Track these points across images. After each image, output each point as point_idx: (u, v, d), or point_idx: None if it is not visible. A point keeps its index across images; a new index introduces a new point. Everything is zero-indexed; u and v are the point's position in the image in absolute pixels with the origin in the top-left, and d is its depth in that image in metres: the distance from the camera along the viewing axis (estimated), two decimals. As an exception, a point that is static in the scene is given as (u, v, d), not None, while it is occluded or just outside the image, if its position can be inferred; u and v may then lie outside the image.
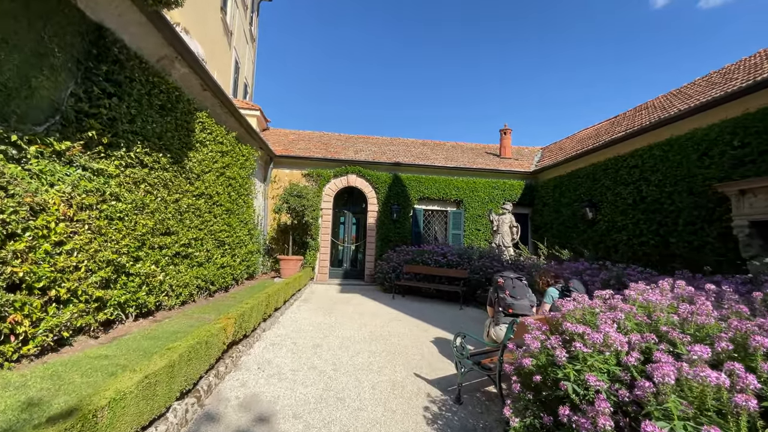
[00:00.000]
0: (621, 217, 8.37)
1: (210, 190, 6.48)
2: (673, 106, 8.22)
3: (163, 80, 5.22)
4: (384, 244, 11.41)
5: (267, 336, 5.05)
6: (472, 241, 11.82)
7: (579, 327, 2.00)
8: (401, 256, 9.53)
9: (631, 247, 8.06)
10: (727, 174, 6.00)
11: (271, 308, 5.83)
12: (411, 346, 4.95)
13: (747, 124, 5.72)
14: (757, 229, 5.40)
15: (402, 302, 8.24)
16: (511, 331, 2.97)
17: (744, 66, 7.51)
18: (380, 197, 11.67)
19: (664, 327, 1.97)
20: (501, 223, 10.02)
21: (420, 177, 11.91)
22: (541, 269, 4.51)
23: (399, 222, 11.59)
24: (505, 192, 12.27)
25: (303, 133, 14.68)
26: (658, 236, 7.38)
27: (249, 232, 8.56)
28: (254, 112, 12.34)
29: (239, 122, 7.82)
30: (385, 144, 14.48)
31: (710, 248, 6.27)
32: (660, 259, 7.28)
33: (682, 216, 6.80)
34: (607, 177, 8.95)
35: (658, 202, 7.37)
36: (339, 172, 11.65)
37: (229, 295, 6.88)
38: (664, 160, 7.27)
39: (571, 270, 5.59)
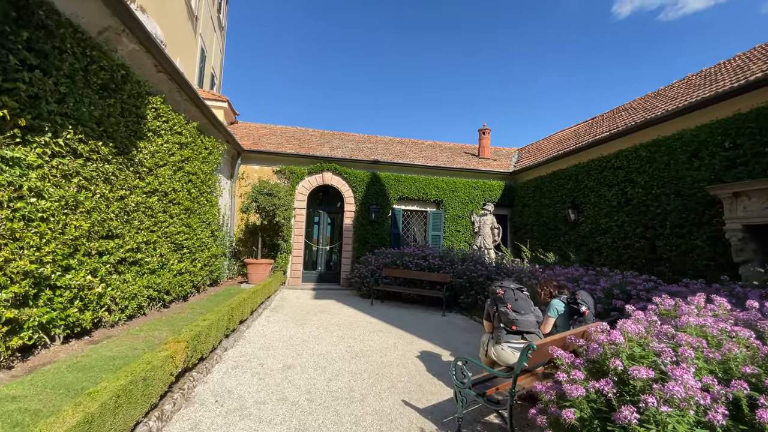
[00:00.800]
0: (605, 220, 8.19)
1: (165, 186, 5.67)
2: (656, 107, 8.11)
3: (105, 56, 4.41)
4: (361, 246, 10.81)
5: (229, 356, 4.35)
6: (452, 243, 11.44)
7: (642, 370, 1.51)
8: (380, 259, 8.97)
9: (615, 250, 7.88)
10: (717, 176, 5.84)
11: (234, 322, 5.12)
12: (396, 363, 4.40)
13: (739, 125, 5.56)
14: (750, 233, 5.23)
15: (382, 309, 7.69)
16: (526, 358, 2.47)
17: (727, 68, 7.47)
18: (358, 196, 11.06)
19: (748, 368, 1.51)
20: (482, 224, 9.67)
21: (399, 176, 11.40)
22: (542, 278, 4.07)
23: (377, 223, 11.03)
24: (485, 192, 11.97)
25: (274, 128, 13.83)
26: (644, 239, 7.21)
27: (212, 234, 7.74)
28: (221, 103, 11.42)
29: (202, 111, 7.01)
30: (362, 141, 13.87)
31: (699, 252, 6.11)
32: (646, 262, 7.11)
33: (670, 219, 6.64)
34: (590, 178, 8.77)
35: (645, 204, 7.20)
36: (314, 169, 10.94)
37: (188, 305, 6.08)
38: (651, 161, 7.10)
39: (566, 276, 5.23)
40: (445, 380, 3.93)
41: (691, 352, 1.59)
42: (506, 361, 3.30)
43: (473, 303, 7.51)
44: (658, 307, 2.75)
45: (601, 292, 4.31)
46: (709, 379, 1.52)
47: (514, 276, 6.84)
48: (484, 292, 7.37)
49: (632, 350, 1.77)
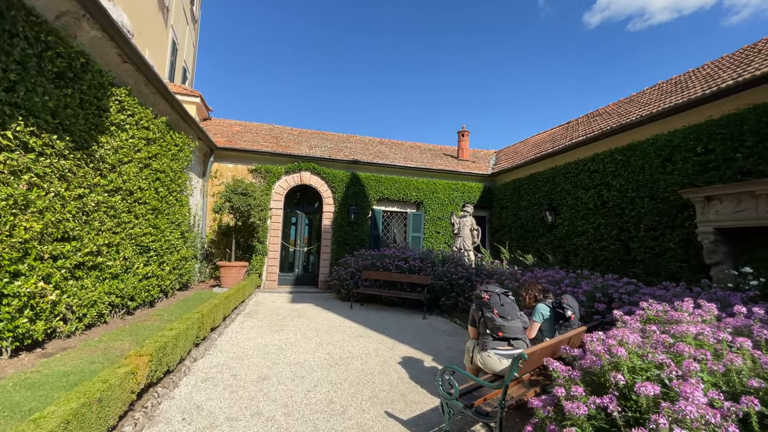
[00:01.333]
0: (581, 222, 8.33)
1: (130, 184, 5.29)
2: (631, 112, 8.33)
3: (63, 42, 4.04)
4: (340, 248, 10.59)
5: (199, 368, 4.07)
6: (432, 244, 11.40)
7: (649, 386, 1.42)
8: (360, 261, 8.79)
9: (591, 251, 8.02)
10: (690, 180, 6.01)
11: (205, 330, 4.82)
12: (377, 371, 4.24)
13: (711, 131, 5.74)
14: (721, 236, 5.39)
15: (361, 312, 7.51)
16: (517, 368, 2.37)
17: (697, 76, 7.75)
18: (337, 197, 10.84)
19: (755, 381, 1.45)
20: (462, 226, 9.66)
21: (379, 176, 11.25)
22: (526, 282, 4.02)
23: (357, 224, 10.84)
24: (464, 194, 12.01)
25: (250, 125, 13.39)
26: (619, 241, 7.37)
27: (182, 235, 7.34)
28: (193, 98, 10.92)
29: (172, 106, 6.62)
30: (341, 141, 13.64)
31: (672, 254, 6.27)
32: (621, 264, 7.26)
33: (644, 221, 6.80)
34: (567, 181, 8.91)
35: (620, 207, 7.36)
36: (291, 168, 10.63)
37: (155, 312, 5.70)
38: (626, 165, 7.27)
39: (547, 279, 5.23)
40: (428, 388, 3.81)
41: (696, 366, 1.52)
42: (492, 369, 3.20)
43: (454, 305, 7.45)
44: (646, 312, 2.71)
45: (583, 295, 4.31)
46: (714, 393, 1.45)
47: (495, 278, 6.83)
48: (464, 294, 7.33)
49: (633, 363, 1.68)
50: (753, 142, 5.19)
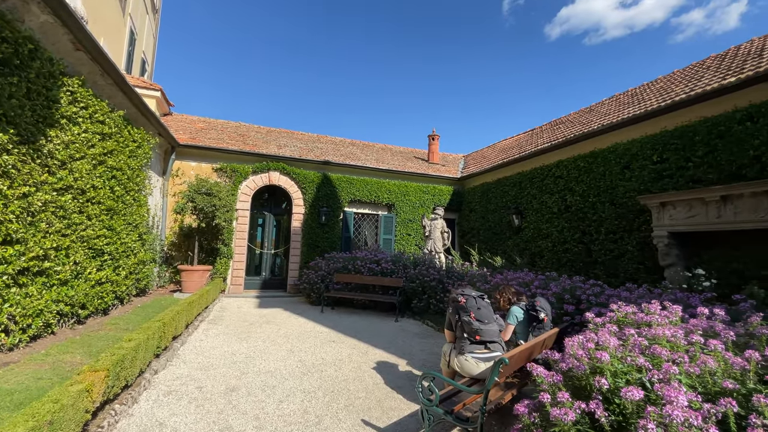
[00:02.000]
0: (546, 225, 8.65)
1: (82, 182, 4.88)
2: (592, 121, 8.76)
3: (9, 26, 3.68)
4: (311, 250, 10.37)
5: (160, 380, 3.80)
6: (403, 247, 11.43)
7: (634, 391, 1.44)
8: (331, 264, 8.64)
9: (555, 253, 8.34)
10: (646, 187, 6.39)
11: (167, 339, 4.52)
12: (352, 377, 4.15)
13: (666, 141, 6.13)
14: (675, 239, 5.76)
15: (333, 317, 7.37)
16: (497, 372, 2.38)
17: (651, 89, 8.28)
18: (307, 198, 10.61)
19: (729, 383, 1.51)
20: (433, 228, 9.75)
21: (351, 178, 11.14)
22: (501, 285, 4.08)
23: (328, 226, 10.66)
24: (435, 197, 12.15)
25: (215, 122, 12.85)
26: (581, 244, 7.70)
27: (140, 238, 6.89)
28: (153, 92, 10.33)
29: (130, 99, 6.20)
30: (311, 141, 13.40)
31: (630, 256, 6.63)
32: (583, 266, 7.60)
33: (605, 225, 7.15)
34: (533, 186, 9.23)
35: (582, 211, 7.70)
36: (259, 168, 10.28)
37: (110, 320, 5.29)
38: (588, 171, 7.62)
39: (518, 281, 5.36)
40: (404, 393, 3.77)
41: (675, 368, 1.57)
42: (470, 372, 3.21)
43: (426, 307, 7.48)
44: (616, 314, 2.81)
45: (552, 297, 4.44)
46: (692, 395, 1.50)
47: (466, 280, 6.93)
48: (436, 297, 7.38)
49: (615, 367, 1.72)
50: (703, 152, 5.59)
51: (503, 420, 3.21)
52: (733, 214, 4.98)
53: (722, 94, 5.43)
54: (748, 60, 5.92)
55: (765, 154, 4.82)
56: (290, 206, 10.75)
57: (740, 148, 5.10)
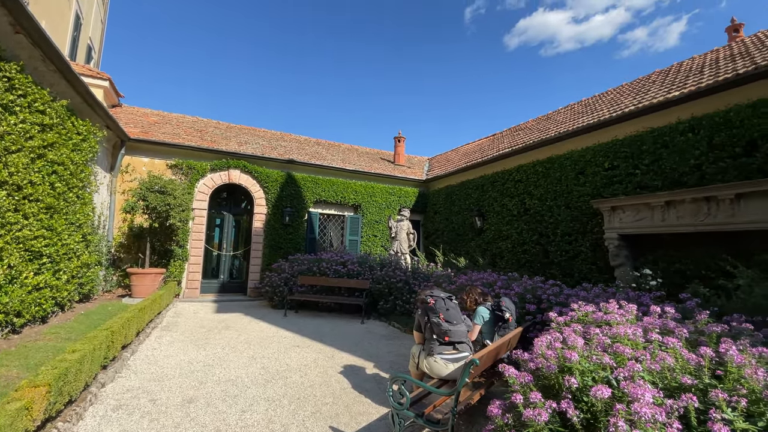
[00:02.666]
0: (507, 227, 8.95)
1: (18, 177, 4.40)
2: (549, 128, 9.19)
3: None
4: (273, 252, 10.04)
5: (108, 394, 3.49)
6: (370, 248, 11.39)
7: (603, 389, 1.49)
8: (295, 266, 8.41)
9: (515, 254, 8.66)
10: (599, 192, 6.79)
11: (116, 349, 4.17)
12: (319, 383, 4.04)
13: (616, 149, 6.55)
14: (624, 241, 6.16)
15: (296, 320, 7.17)
16: (468, 373, 2.40)
17: (603, 100, 8.83)
18: (270, 198, 10.27)
19: (687, 378, 1.60)
20: (399, 229, 9.80)
21: (316, 178, 10.93)
22: (467, 286, 4.15)
23: (292, 227, 10.38)
24: (401, 198, 12.22)
25: (169, 116, 12.14)
26: (539, 245, 8.05)
27: (84, 238, 6.33)
28: (100, 81, 9.57)
29: (74, 87, 5.70)
30: (274, 139, 13.02)
31: (583, 257, 7.01)
32: (540, 266, 7.94)
33: (560, 227, 7.52)
34: (494, 189, 9.53)
35: (540, 214, 8.05)
36: (218, 165, 9.82)
37: (49, 329, 4.80)
38: (546, 176, 7.98)
39: (482, 282, 5.49)
40: (372, 397, 3.72)
41: (639, 366, 1.65)
42: (439, 374, 3.23)
43: (392, 309, 7.48)
44: (576, 313, 2.93)
45: (515, 296, 4.58)
46: (654, 391, 1.57)
47: (432, 281, 7.00)
48: (402, 298, 7.40)
49: (582, 366, 1.77)
50: (650, 160, 6.03)
51: (471, 419, 3.25)
52: (676, 218, 5.40)
53: (667, 107, 5.89)
54: (690, 76, 6.48)
55: (705, 163, 5.28)
56: (251, 206, 10.36)
57: (682, 158, 5.55)
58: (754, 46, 6.26)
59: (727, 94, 5.23)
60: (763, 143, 4.68)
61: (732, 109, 5.08)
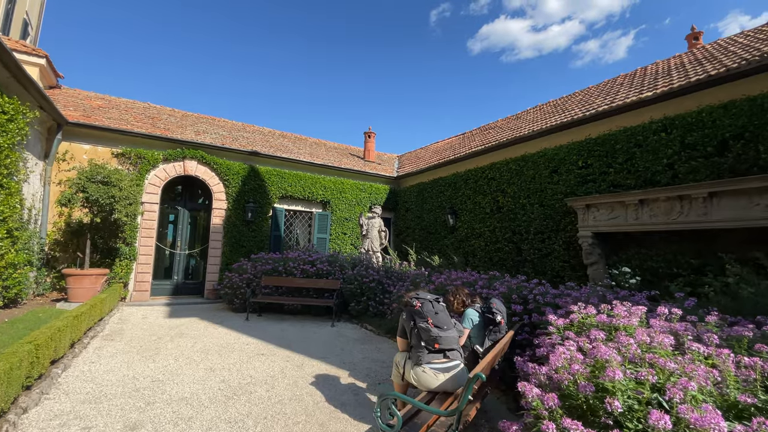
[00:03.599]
0: (479, 225, 8.85)
1: None
2: (521, 127, 9.19)
3: None
4: (234, 251, 9.32)
5: (31, 421, 2.85)
6: (339, 246, 10.92)
7: (661, 417, 1.21)
8: (258, 266, 7.80)
9: (488, 252, 8.56)
10: (572, 190, 6.79)
11: (42, 365, 3.49)
12: (288, 397, 3.59)
13: (590, 148, 6.57)
14: (598, 239, 6.17)
15: (260, 325, 6.61)
16: (471, 390, 2.08)
17: (573, 100, 8.94)
18: (231, 192, 9.53)
19: (746, 397, 1.36)
20: (370, 227, 9.44)
21: (282, 172, 10.30)
22: (454, 287, 3.85)
23: (255, 223, 9.70)
24: (372, 195, 11.85)
25: (117, 101, 11.00)
26: (512, 243, 7.99)
27: (10, 234, 5.43)
28: (36, 58, 8.46)
29: (2, 61, 4.83)
30: (236, 129, 12.18)
31: (556, 255, 7.00)
32: (513, 264, 7.88)
33: (534, 225, 7.48)
34: (467, 187, 9.40)
35: (513, 212, 8.00)
36: (172, 155, 8.96)
37: (-48, 344, 3.97)
38: (519, 174, 7.94)
39: (461, 281, 5.24)
40: (350, 411, 3.33)
41: (693, 384, 1.39)
42: (428, 386, 2.89)
43: (364, 310, 7.11)
44: (577, 315, 2.70)
45: (499, 296, 4.36)
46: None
47: (408, 281, 6.69)
48: (375, 298, 7.04)
49: (625, 385, 1.50)
50: (623, 159, 6.07)
51: (462, 435, 2.95)
52: (649, 217, 5.44)
53: (640, 107, 5.96)
54: (659, 78, 6.62)
55: (677, 162, 5.35)
56: (210, 201, 9.57)
57: (655, 156, 5.61)
58: (718, 52, 6.50)
59: (699, 95, 5.34)
60: (735, 143, 4.78)
61: (704, 110, 5.17)
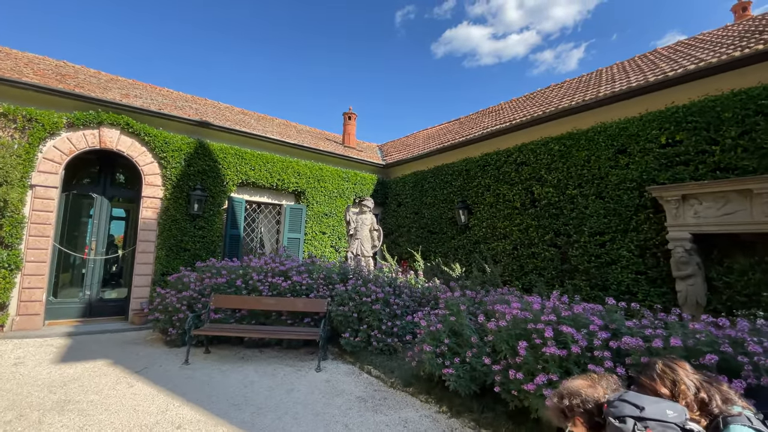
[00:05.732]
0: (504, 223, 6.96)
1: None
2: (550, 102, 7.44)
3: None
4: (173, 256, 6.78)
5: None
6: (316, 249, 8.62)
7: None
8: (207, 279, 5.39)
9: (516, 258, 6.70)
10: (651, 176, 5.04)
11: None
12: None
13: (679, 119, 4.85)
14: (699, 243, 4.44)
15: (207, 373, 4.24)
16: None
17: (627, 67, 7.30)
18: (170, 175, 6.95)
19: None
20: (360, 225, 7.29)
21: (243, 151, 7.84)
22: (661, 363, 1.74)
23: (204, 218, 7.19)
24: (357, 186, 9.64)
25: (18, 53, 8.00)
26: (553, 247, 6.22)
27: None
28: None
29: None
30: (181, 100, 9.49)
31: (625, 264, 5.25)
32: (556, 274, 6.07)
33: (588, 224, 5.72)
34: (485, 174, 7.49)
35: (556, 206, 6.18)
36: (82, 120, 6.28)
37: None
38: (566, 156, 6.15)
39: (517, 309, 3.18)
40: None
41: None
42: None
43: (364, 344, 4.93)
44: None
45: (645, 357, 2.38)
46: None
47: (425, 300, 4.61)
48: (381, 327, 4.89)
49: None
50: (736, 132, 4.36)
51: None
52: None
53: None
54: None
55: None
56: (139, 186, 6.94)
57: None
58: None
59: None
60: None
61: None
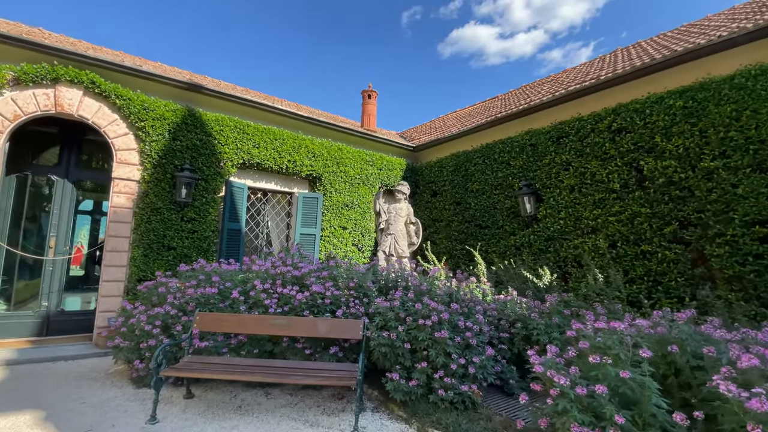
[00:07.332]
0: (594, 212, 5.21)
1: None
2: (683, 40, 5.67)
3: None
4: (154, 256, 5.16)
5: None
6: (334, 247, 6.94)
7: None
8: (192, 290, 3.76)
9: (616, 259, 4.94)
10: None
11: None
12: None
13: None
14: None
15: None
16: None
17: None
18: (149, 150, 5.33)
19: None
20: (395, 216, 5.71)
21: (245, 124, 6.21)
22: None
23: (195, 208, 5.55)
24: (383, 171, 7.93)
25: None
26: (679, 244, 4.44)
27: None
28: None
29: None
30: (170, 72, 7.93)
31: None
32: (683, 281, 4.29)
33: (740, 210, 3.94)
34: (562, 149, 5.74)
35: (680, 185, 4.43)
36: (32, 74, 4.72)
37: None
38: (695, 116, 4.37)
39: None
40: None
41: None
42: None
43: (423, 390, 3.23)
44: None
45: None
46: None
47: (511, 323, 2.92)
48: (450, 366, 3.19)
49: None
50: None
51: None
52: None
53: None
54: None
55: None
56: (108, 165, 5.35)
57: None
58: None
59: None
60: None
61: None
